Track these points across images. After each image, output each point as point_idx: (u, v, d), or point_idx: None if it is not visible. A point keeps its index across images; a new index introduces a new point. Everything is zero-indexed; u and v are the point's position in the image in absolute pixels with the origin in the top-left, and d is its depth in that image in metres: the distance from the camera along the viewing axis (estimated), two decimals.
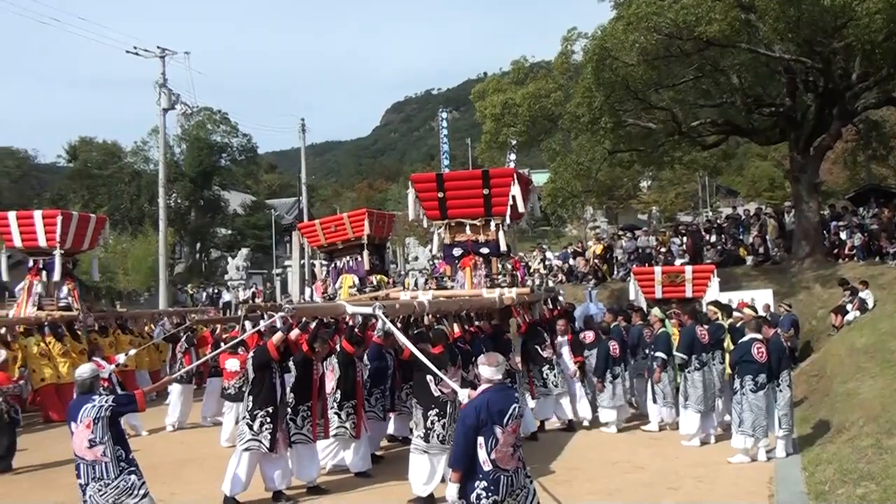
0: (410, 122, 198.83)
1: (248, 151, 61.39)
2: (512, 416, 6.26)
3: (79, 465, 7.70)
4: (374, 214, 19.77)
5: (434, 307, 10.36)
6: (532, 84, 25.97)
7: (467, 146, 72.63)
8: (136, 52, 33.40)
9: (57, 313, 17.71)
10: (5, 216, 18.99)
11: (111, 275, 42.66)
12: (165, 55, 33.41)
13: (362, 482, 9.96)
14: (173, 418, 14.47)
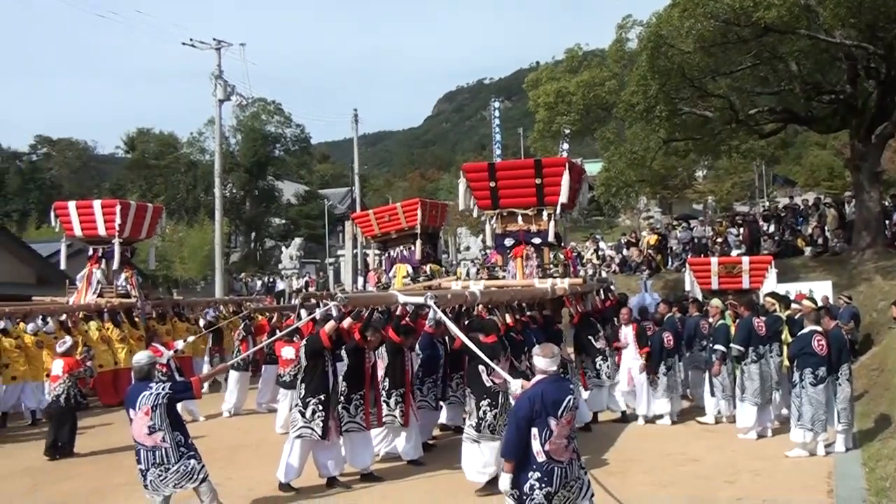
0: (462, 112, 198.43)
1: (302, 142, 61.89)
2: (567, 407, 6.22)
3: (139, 451, 7.90)
4: (427, 204, 19.78)
5: (485, 297, 10.34)
6: (586, 72, 25.76)
7: (519, 136, 72.17)
8: (192, 45, 33.82)
9: (115, 300, 18.09)
10: (66, 205, 19.41)
11: (168, 263, 43.38)
12: (221, 47, 33.76)
13: (414, 470, 10.01)
14: (229, 404, 14.72)
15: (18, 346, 14.95)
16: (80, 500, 9.38)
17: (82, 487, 9.94)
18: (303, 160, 65.98)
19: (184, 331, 17.84)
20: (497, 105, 70.21)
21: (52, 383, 12.02)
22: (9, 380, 14.71)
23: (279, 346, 12.60)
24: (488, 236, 14.95)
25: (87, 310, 17.47)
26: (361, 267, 39.40)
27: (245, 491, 9.17)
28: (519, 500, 6.17)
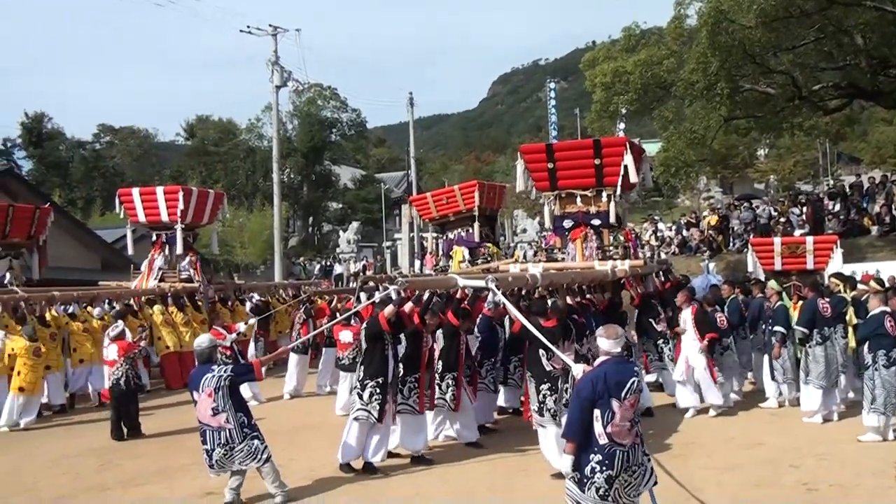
0: (517, 94, 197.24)
1: (358, 126, 62.23)
2: (630, 389, 6.10)
3: (204, 432, 8.05)
4: (485, 186, 19.70)
5: (545, 280, 10.26)
6: (644, 51, 25.40)
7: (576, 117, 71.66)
8: (249, 31, 34.17)
9: (179, 285, 18.39)
10: (129, 192, 19.73)
11: (229, 248, 44.06)
12: (277, 33, 34.04)
13: (473, 452, 10.00)
14: (290, 387, 14.87)
15: (86, 329, 15.31)
16: (146, 478, 9.56)
17: (148, 467, 10.14)
18: (359, 144, 66.35)
19: (244, 314, 18.11)
20: (553, 86, 69.71)
21: (110, 368, 12.27)
22: (77, 363, 15.09)
23: (337, 329, 12.68)
24: (547, 218, 14.82)
25: (151, 294, 17.81)
26: (418, 250, 39.55)
27: (306, 472, 9.27)
28: (580, 482, 6.09)
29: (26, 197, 26.04)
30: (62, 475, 9.94)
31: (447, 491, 8.53)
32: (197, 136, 61.27)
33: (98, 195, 57.49)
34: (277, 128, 36.27)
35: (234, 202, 50.59)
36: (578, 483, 6.09)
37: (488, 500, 8.19)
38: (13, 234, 18.55)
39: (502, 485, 8.70)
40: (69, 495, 9.01)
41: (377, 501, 8.20)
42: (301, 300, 16.65)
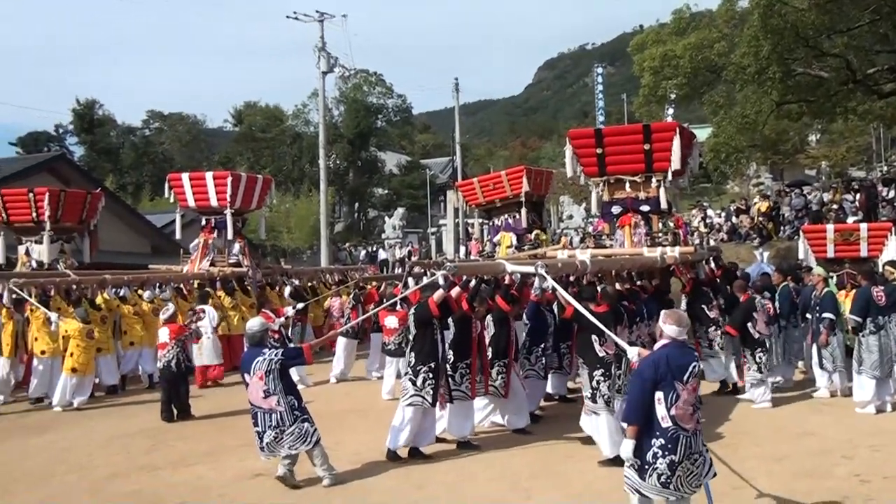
0: (564, 79, 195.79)
1: (403, 112, 62.33)
2: (692, 373, 6.00)
3: (255, 414, 8.16)
4: (532, 171, 19.58)
5: (595, 266, 10.17)
6: (694, 34, 25.04)
7: (623, 102, 70.98)
8: (295, 17, 34.32)
9: (227, 269, 18.59)
10: (179, 177, 19.96)
11: (276, 233, 44.48)
12: (324, 19, 34.17)
13: (522, 439, 9.96)
14: (337, 371, 14.97)
15: (136, 312, 15.56)
16: (195, 459, 9.70)
17: (198, 448, 10.28)
18: (404, 130, 66.50)
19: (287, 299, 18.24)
20: (600, 71, 69.28)
21: (161, 350, 12.47)
22: (127, 345, 15.37)
23: (382, 315, 12.70)
24: (595, 204, 14.67)
25: (201, 278, 18.02)
26: (463, 236, 39.55)
27: (353, 455, 9.31)
28: (640, 469, 5.96)
29: (78, 182, 26.56)
30: (114, 454, 10.13)
31: (493, 476, 8.51)
32: (244, 123, 61.81)
33: (148, 181, 58.44)
34: (324, 114, 36.46)
35: (280, 188, 51.03)
36: (639, 470, 5.97)
37: (534, 486, 8.14)
38: (65, 218, 18.92)
39: (549, 471, 8.65)
40: (121, 474, 9.16)
41: (423, 486, 8.20)
42: (346, 286, 16.72)
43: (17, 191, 19.57)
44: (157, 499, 8.14)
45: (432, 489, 8.12)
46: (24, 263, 18.58)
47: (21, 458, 10.15)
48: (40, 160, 30.35)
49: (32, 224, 18.75)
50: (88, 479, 8.99)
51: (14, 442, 11.09)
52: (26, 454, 10.37)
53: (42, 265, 18.34)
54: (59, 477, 9.17)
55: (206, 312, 15.03)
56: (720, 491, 7.59)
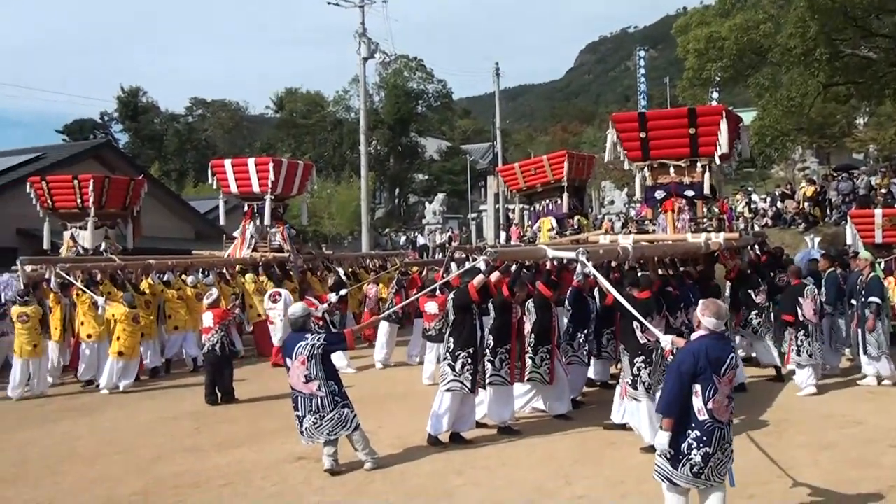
0: (605, 63, 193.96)
1: (444, 97, 62.14)
2: (729, 365, 5.97)
3: (296, 398, 8.22)
4: (574, 156, 19.43)
5: (637, 252, 10.06)
6: (739, 15, 24.61)
7: (665, 85, 70.10)
8: (336, 4, 34.33)
9: (270, 254, 18.74)
10: (222, 163, 20.12)
11: (317, 219, 44.70)
12: (364, 4, 34.11)
13: (563, 424, 9.93)
14: (381, 356, 15.02)
15: (180, 297, 15.77)
16: (239, 441, 9.82)
17: (241, 431, 10.41)
18: (444, 116, 66.34)
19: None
20: (642, 54, 68.31)
21: (205, 335, 12.61)
22: (171, 329, 15.62)
23: (423, 300, 12.70)
24: (638, 189, 14.48)
25: (243, 263, 18.19)
26: (503, 221, 39.43)
27: (394, 439, 9.36)
28: (674, 459, 5.97)
29: (123, 169, 26.94)
30: (159, 436, 10.29)
31: (534, 462, 8.50)
32: (286, 109, 62.14)
33: (191, 167, 59.08)
34: (364, 100, 36.52)
35: (322, 173, 51.25)
36: (672, 460, 5.98)
37: (575, 472, 8.11)
38: (109, 204, 19.15)
39: (590, 457, 8.62)
40: (166, 455, 9.31)
41: (464, 471, 8.21)
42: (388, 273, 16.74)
43: (62, 177, 19.86)
44: (201, 480, 8.25)
45: (473, 474, 8.12)
46: (70, 248, 18.89)
47: (70, 440, 10.37)
48: (86, 147, 30.77)
49: (77, 210, 19.02)
50: (134, 461, 9.15)
51: (63, 424, 11.33)
52: (75, 435, 10.59)
53: (87, 251, 18.63)
54: (107, 458, 9.35)
55: (282, 295, 15.20)
56: (764, 479, 7.53)
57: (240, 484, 8.07)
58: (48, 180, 19.42)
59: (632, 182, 15.36)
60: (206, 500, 7.69)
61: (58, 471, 8.89)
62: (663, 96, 68.31)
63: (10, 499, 8.00)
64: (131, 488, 8.09)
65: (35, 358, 13.42)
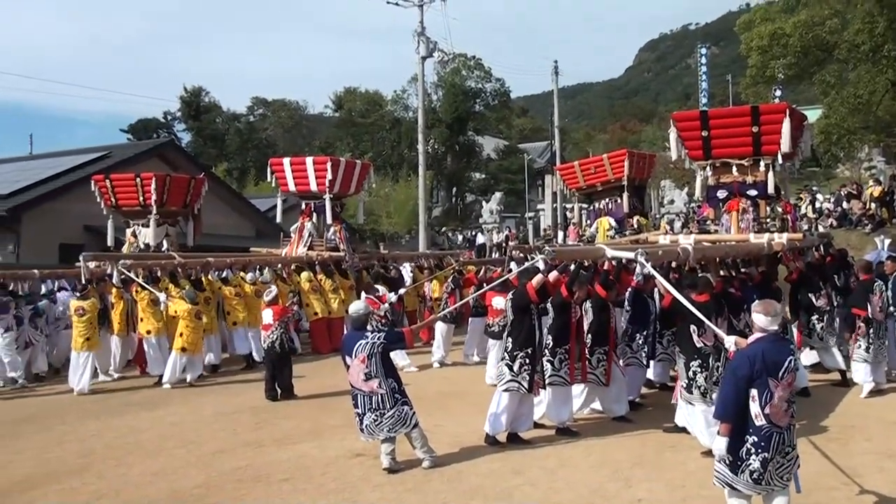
0: (665, 61, 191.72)
1: (501, 96, 61.94)
2: (787, 369, 5.85)
3: (356, 396, 8.29)
4: (634, 155, 19.27)
5: (698, 253, 9.91)
6: (804, 11, 24.10)
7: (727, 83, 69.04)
8: (395, 3, 34.49)
9: (326, 253, 18.92)
10: (281, 162, 20.39)
11: (375, 217, 45.00)
12: (423, 3, 34.19)
13: (621, 427, 9.84)
14: (438, 355, 15.06)
15: (238, 294, 16.02)
16: (298, 437, 9.93)
17: (300, 426, 10.52)
18: (502, 114, 66.15)
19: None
20: (704, 51, 67.30)
21: (265, 332, 12.77)
22: (231, 325, 15.87)
23: (490, 295, 12.64)
24: (699, 188, 14.28)
25: (300, 261, 18.40)
26: (561, 221, 39.23)
27: (452, 438, 9.36)
28: (732, 465, 5.89)
29: (186, 167, 27.48)
30: (221, 431, 10.47)
31: (592, 464, 8.43)
32: (345, 108, 62.62)
33: (252, 165, 59.86)
34: (423, 98, 36.60)
35: (379, 172, 51.55)
36: (731, 466, 5.90)
37: (635, 474, 8.02)
38: (170, 202, 19.57)
39: (650, 460, 8.51)
40: (228, 450, 9.45)
41: (522, 472, 8.17)
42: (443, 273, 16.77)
43: (125, 176, 20.35)
44: (262, 475, 8.36)
45: (531, 474, 8.09)
46: (132, 245, 19.32)
47: (134, 432, 10.60)
48: (150, 146, 31.44)
49: (139, 208, 19.46)
50: (196, 454, 9.31)
51: (126, 417, 11.58)
52: (138, 429, 10.82)
53: (148, 248, 19.04)
54: (169, 451, 9.53)
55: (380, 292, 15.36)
56: (829, 485, 7.38)
57: (300, 479, 8.16)
58: (112, 178, 19.91)
59: (693, 181, 15.13)
60: (267, 494, 7.79)
61: (122, 463, 9.10)
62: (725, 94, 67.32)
63: (77, 489, 8.21)
64: (194, 481, 8.24)
65: (86, 351, 13.74)
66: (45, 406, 12.82)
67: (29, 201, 23.81)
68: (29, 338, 14.87)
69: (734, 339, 6.63)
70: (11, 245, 23.51)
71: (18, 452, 9.77)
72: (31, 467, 9.07)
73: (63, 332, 15.52)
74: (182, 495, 7.84)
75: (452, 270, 16.50)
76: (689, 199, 37.87)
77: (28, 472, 8.89)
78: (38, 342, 15.06)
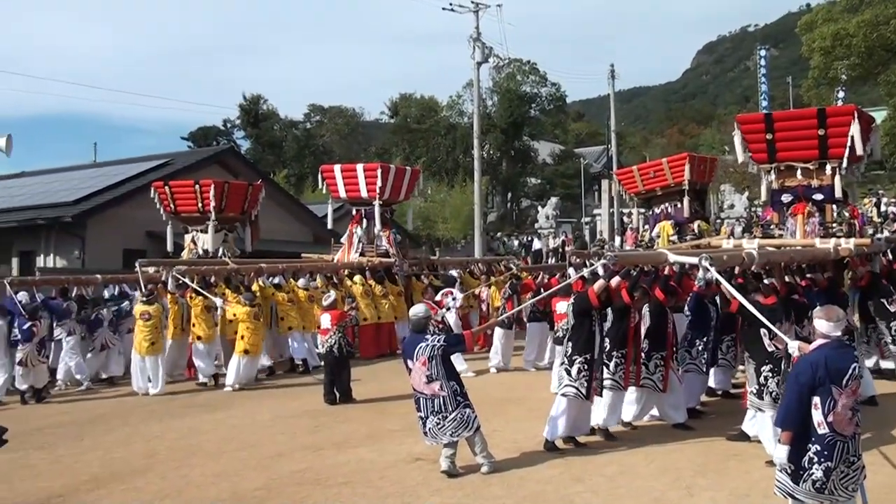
0: (723, 63, 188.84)
1: (557, 101, 61.70)
2: (851, 376, 5.71)
3: (418, 399, 8.33)
4: (695, 159, 19.01)
5: (763, 258, 9.69)
6: (868, 11, 23.60)
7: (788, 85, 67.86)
8: (451, 9, 34.55)
9: (376, 259, 19.01)
10: (331, 169, 20.62)
11: (430, 223, 45.08)
12: (479, 9, 34.21)
13: (679, 434, 9.67)
14: (496, 361, 14.98)
15: (290, 300, 16.18)
16: (357, 441, 9.96)
17: (359, 430, 10.56)
18: (557, 119, 65.92)
19: None
20: (763, 53, 66.05)
21: (323, 336, 12.85)
22: (285, 330, 16.02)
23: (555, 300, 12.57)
24: (763, 192, 13.99)
25: (351, 267, 18.51)
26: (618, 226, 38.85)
27: (511, 443, 9.32)
28: (794, 474, 5.76)
29: (245, 174, 27.86)
30: (280, 434, 10.56)
31: (654, 471, 8.30)
32: (400, 114, 62.94)
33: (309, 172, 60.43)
34: (478, 104, 36.61)
35: (434, 178, 51.64)
36: (793, 475, 5.77)
37: (697, 483, 7.88)
38: (228, 209, 19.89)
39: (712, 469, 8.35)
40: (286, 453, 9.52)
41: (582, 478, 8.08)
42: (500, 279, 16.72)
43: (185, 182, 20.73)
44: (321, 478, 8.40)
45: (592, 482, 7.99)
46: (191, 251, 19.64)
47: (195, 434, 10.76)
48: (211, 153, 31.92)
49: (198, 214, 19.79)
50: (256, 457, 9.39)
51: (187, 419, 11.77)
52: (199, 431, 10.97)
53: (207, 253, 19.34)
54: (230, 453, 9.63)
55: (453, 293, 15.58)
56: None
57: (359, 483, 8.18)
58: (171, 185, 20.30)
59: (753, 185, 14.85)
60: (327, 497, 7.81)
61: (184, 464, 9.22)
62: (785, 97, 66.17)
63: (141, 488, 8.35)
64: (255, 483, 8.31)
65: (152, 355, 13.99)
66: (109, 408, 13.09)
67: (94, 208, 24.35)
68: (106, 340, 15.28)
69: (798, 343, 6.48)
70: (77, 250, 24.08)
71: (85, 452, 9.98)
72: (97, 467, 9.26)
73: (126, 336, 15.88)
74: (243, 497, 7.92)
75: (509, 276, 16.39)
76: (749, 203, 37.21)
77: (94, 471, 9.07)
78: (115, 346, 15.44)
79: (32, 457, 9.75)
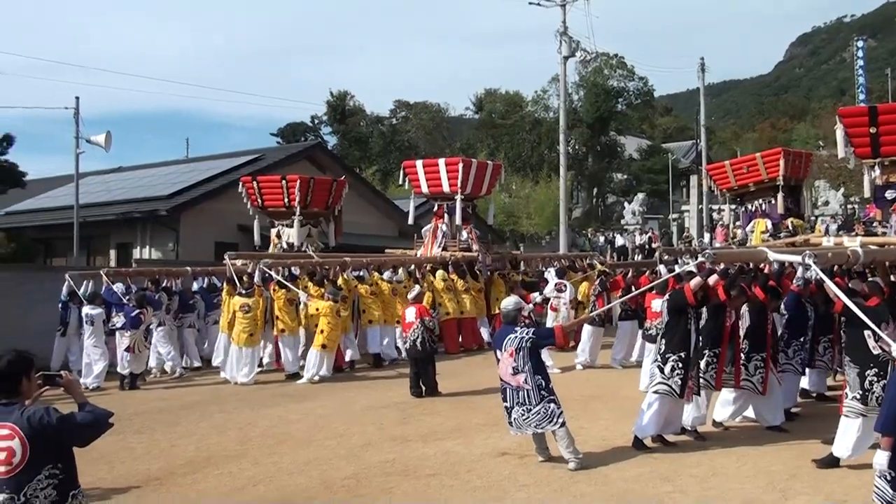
0: (818, 55, 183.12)
1: (644, 95, 60.71)
2: None
3: (505, 389, 8.39)
4: (790, 154, 18.50)
5: (868, 256, 9.34)
6: None
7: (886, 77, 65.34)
8: (537, 3, 34.31)
9: (459, 254, 19.05)
10: (413, 164, 20.79)
11: (515, 218, 44.96)
12: (566, 3, 33.86)
13: (774, 436, 9.40)
14: (582, 358, 14.85)
15: (373, 293, 16.37)
16: (444, 434, 10.02)
17: (445, 423, 10.63)
18: (645, 114, 64.98)
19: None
20: (861, 44, 63.66)
21: (406, 330, 12.93)
22: (366, 323, 16.24)
23: (650, 297, 12.41)
24: (867, 188, 13.51)
25: (433, 262, 18.60)
26: (707, 222, 38.13)
27: (598, 440, 9.25)
28: (894, 482, 5.57)
29: (333, 169, 28.31)
30: (368, 425, 10.69)
31: (746, 474, 8.09)
32: (485, 110, 62.87)
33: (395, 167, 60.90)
34: (564, 99, 36.24)
35: (519, 173, 51.39)
36: (892, 482, 5.58)
37: (792, 487, 7.64)
38: (313, 203, 20.24)
39: (807, 473, 8.08)
40: (375, 443, 9.65)
41: (671, 478, 7.94)
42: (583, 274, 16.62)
43: (272, 178, 21.19)
44: (410, 469, 8.48)
45: (681, 482, 7.84)
46: (276, 245, 20.04)
47: (285, 423, 10.99)
48: (300, 149, 32.49)
49: (284, 209, 20.20)
50: (345, 446, 9.54)
51: (277, 409, 12.03)
52: (289, 420, 11.21)
53: (292, 247, 19.71)
54: (319, 442, 9.81)
55: (566, 286, 15.79)
56: None
57: (446, 476, 8.21)
58: (258, 180, 20.77)
59: (849, 181, 14.35)
60: (415, 488, 7.88)
61: (275, 451, 9.43)
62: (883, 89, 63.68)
63: (234, 473, 8.57)
64: (344, 472, 8.43)
65: (249, 347, 14.32)
66: (202, 395, 13.50)
67: (187, 202, 25.04)
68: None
69: None
70: (171, 243, 24.83)
71: (181, 437, 10.31)
72: (193, 452, 9.56)
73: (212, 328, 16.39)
74: (332, 485, 8.04)
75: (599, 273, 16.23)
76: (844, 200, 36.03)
77: (190, 456, 9.37)
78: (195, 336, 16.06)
79: (131, 440, 10.13)
